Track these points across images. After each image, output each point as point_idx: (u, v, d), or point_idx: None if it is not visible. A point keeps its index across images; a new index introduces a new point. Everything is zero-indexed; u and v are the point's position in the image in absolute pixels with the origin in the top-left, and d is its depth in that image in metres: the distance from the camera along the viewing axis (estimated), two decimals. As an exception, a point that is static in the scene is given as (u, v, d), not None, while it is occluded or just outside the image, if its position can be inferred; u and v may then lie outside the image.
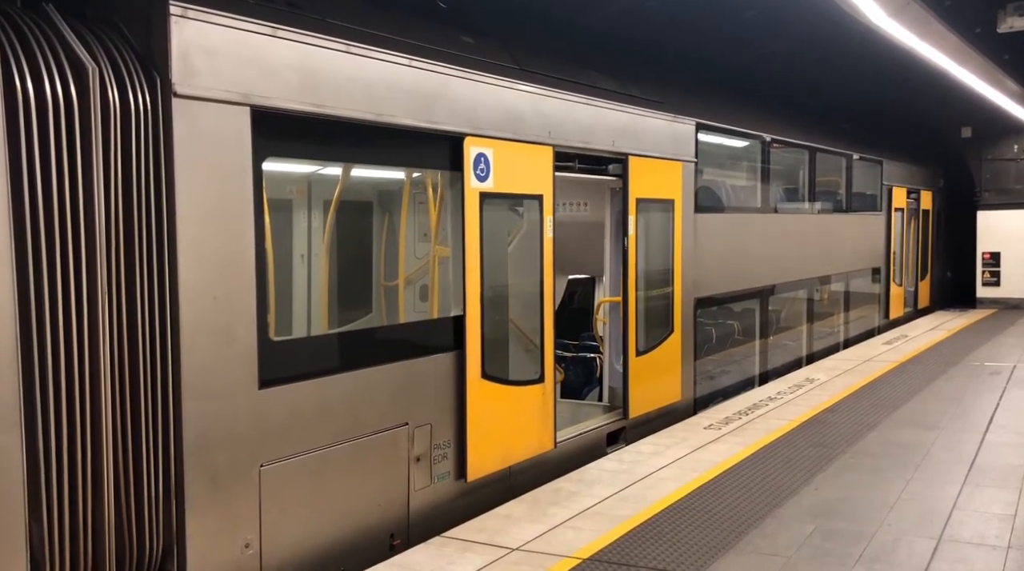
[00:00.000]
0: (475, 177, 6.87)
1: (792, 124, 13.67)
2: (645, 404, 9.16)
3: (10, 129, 4.20)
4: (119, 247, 4.60)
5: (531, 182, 7.55)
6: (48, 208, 4.33)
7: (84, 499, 4.49)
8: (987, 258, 21.49)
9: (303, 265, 7.24)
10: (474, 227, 6.88)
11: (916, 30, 9.71)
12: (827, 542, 5.90)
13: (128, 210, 4.64)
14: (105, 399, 4.52)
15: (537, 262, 7.76)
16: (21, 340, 4.23)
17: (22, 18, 4.45)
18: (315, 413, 5.67)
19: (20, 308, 4.23)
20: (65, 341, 4.39)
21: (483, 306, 6.97)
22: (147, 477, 4.76)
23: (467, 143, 6.80)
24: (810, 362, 14.00)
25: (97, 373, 4.50)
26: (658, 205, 9.46)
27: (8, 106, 4.19)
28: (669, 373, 9.66)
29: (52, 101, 4.33)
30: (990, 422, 9.27)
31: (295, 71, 5.46)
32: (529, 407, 7.58)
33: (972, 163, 21.71)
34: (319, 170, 7.12)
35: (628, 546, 5.89)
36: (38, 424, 4.30)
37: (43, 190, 4.32)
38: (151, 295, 4.74)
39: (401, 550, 6.04)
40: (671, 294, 9.66)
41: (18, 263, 4.23)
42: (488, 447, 7.09)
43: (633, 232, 8.86)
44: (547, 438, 7.80)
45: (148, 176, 4.72)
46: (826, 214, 14.97)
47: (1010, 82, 14.36)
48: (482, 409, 7.00)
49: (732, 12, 10.75)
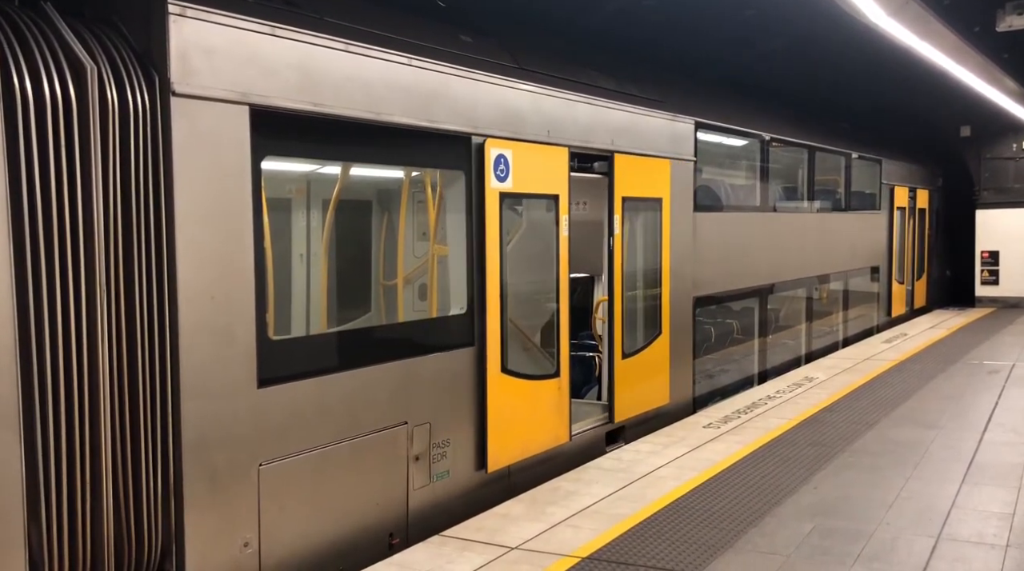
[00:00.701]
0: (495, 178, 7.06)
1: (791, 123, 13.67)
2: (632, 408, 8.99)
3: (9, 129, 4.19)
4: (118, 246, 4.60)
5: (548, 182, 7.75)
6: (47, 208, 4.33)
7: (83, 499, 4.49)
8: (986, 257, 21.51)
9: (320, 262, 7.27)
10: (494, 226, 7.06)
11: (915, 29, 9.71)
12: (826, 541, 5.90)
13: (127, 209, 4.64)
14: (104, 399, 4.52)
15: (553, 260, 7.90)
16: (20, 340, 4.23)
17: (20, 17, 4.44)
18: (315, 412, 5.67)
19: (19, 308, 4.23)
20: (64, 340, 4.39)
21: (502, 303, 7.18)
22: (146, 476, 4.76)
23: (488, 145, 6.99)
24: (810, 361, 14.01)
25: (96, 372, 4.50)
26: (646, 204, 9.29)
27: (7, 106, 4.19)
28: (657, 376, 9.47)
29: (51, 100, 4.32)
30: (989, 421, 9.27)
31: (295, 70, 5.45)
32: (546, 401, 7.78)
33: (971, 162, 21.72)
34: (329, 170, 7.12)
35: (627, 545, 5.89)
36: (37, 424, 4.30)
37: (42, 190, 4.31)
38: (150, 294, 4.74)
39: (400, 549, 6.04)
40: (659, 295, 9.53)
41: (17, 263, 4.23)
42: (507, 439, 7.26)
43: (619, 231, 8.70)
44: (563, 431, 7.96)
45: (147, 175, 4.71)
46: (825, 213, 14.97)
47: (1009, 81, 14.36)
48: (501, 402, 7.18)
49: (731, 11, 10.75)
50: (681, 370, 10.07)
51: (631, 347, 9.05)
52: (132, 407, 4.69)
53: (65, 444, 4.41)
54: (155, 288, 4.76)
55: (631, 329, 9.09)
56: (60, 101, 4.36)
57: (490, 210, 7.00)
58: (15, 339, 4.21)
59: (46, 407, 4.34)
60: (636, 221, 9.22)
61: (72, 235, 4.41)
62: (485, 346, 6.99)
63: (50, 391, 4.34)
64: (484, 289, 6.98)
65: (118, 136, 4.58)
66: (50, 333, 4.33)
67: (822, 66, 13.95)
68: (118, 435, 4.63)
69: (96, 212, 4.48)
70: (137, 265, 4.67)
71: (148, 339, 4.74)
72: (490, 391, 7.06)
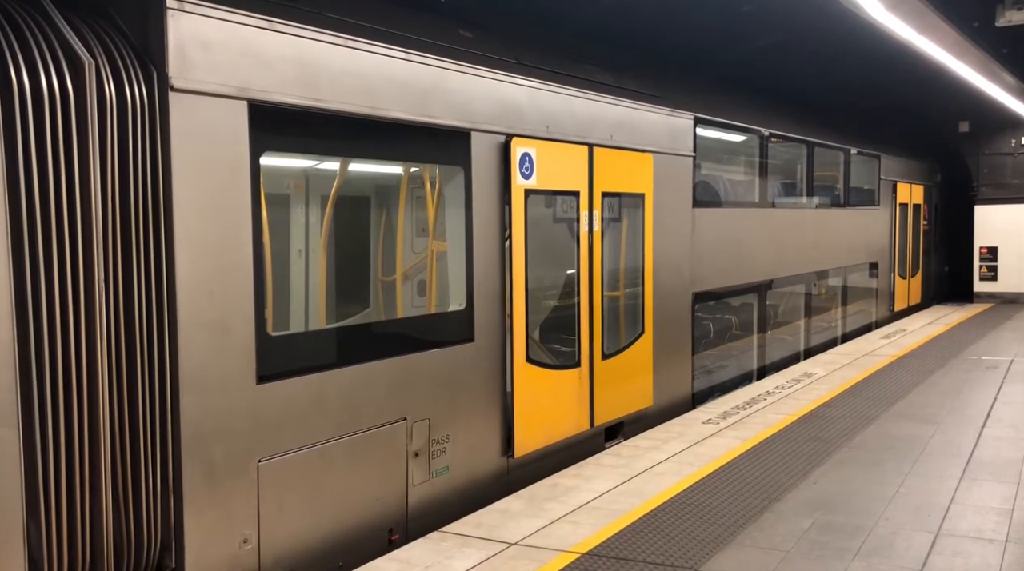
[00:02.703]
0: (520, 175, 7.28)
1: (790, 118, 13.66)
2: (612, 411, 8.75)
3: (6, 124, 4.17)
4: (116, 242, 4.59)
5: (569, 179, 7.96)
6: (44, 202, 4.31)
7: (81, 495, 4.48)
8: (984, 252, 21.51)
9: (319, 257, 7.28)
10: (519, 222, 7.30)
11: (914, 23, 9.70)
12: (825, 536, 5.90)
13: (125, 204, 4.62)
14: (102, 394, 4.51)
15: (574, 254, 8.07)
16: (18, 335, 4.22)
17: (17, 10, 4.42)
18: (314, 408, 5.66)
19: (16, 302, 4.22)
20: (62, 336, 4.37)
21: (527, 296, 7.44)
22: (145, 473, 4.75)
23: (513, 143, 7.20)
24: (809, 356, 14.01)
25: (94, 368, 4.49)
26: (627, 199, 9.01)
27: (3, 99, 4.17)
28: (639, 377, 9.22)
29: (48, 94, 4.30)
30: (987, 416, 9.28)
31: (293, 64, 5.43)
32: (567, 389, 7.99)
33: (970, 157, 21.72)
34: (338, 166, 7.11)
35: (626, 541, 5.88)
36: (35, 420, 4.29)
37: (39, 184, 4.29)
38: (148, 290, 4.73)
39: (399, 545, 6.04)
40: (640, 294, 9.30)
41: (15, 258, 4.22)
42: (532, 426, 7.57)
43: (598, 228, 8.43)
44: (583, 419, 8.15)
45: (144, 170, 4.70)
46: (824, 208, 14.97)
47: (1008, 76, 14.35)
48: (526, 391, 7.47)
49: (730, 6, 10.73)
50: (675, 368, 9.97)
51: (612, 347, 8.79)
52: (131, 403, 4.68)
53: (64, 440, 4.40)
54: (153, 283, 4.74)
55: (611, 329, 8.82)
56: (57, 96, 4.34)
57: (516, 206, 7.30)
58: (13, 334, 4.19)
59: (44, 403, 4.32)
60: (616, 217, 8.93)
61: (70, 230, 4.40)
62: (513, 337, 7.30)
63: (48, 387, 4.33)
64: (512, 283, 7.28)
65: (116, 131, 4.56)
66: (48, 328, 4.32)
67: (821, 61, 13.94)
68: (117, 431, 4.62)
69: (94, 207, 4.46)
70: (135, 260, 4.66)
71: (147, 335, 4.73)
72: (516, 379, 7.34)
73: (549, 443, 7.79)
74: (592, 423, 8.31)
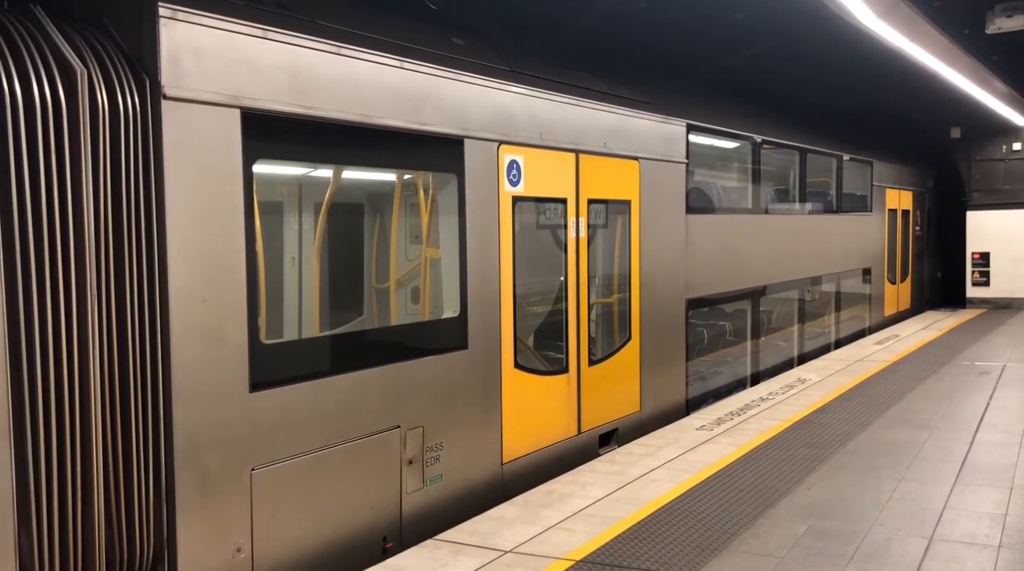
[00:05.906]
0: (508, 182, 7.31)
1: (782, 125, 13.70)
2: (599, 417, 8.71)
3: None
4: (108, 250, 4.58)
5: (557, 186, 7.97)
6: (36, 211, 4.30)
7: (73, 504, 4.46)
8: (976, 258, 21.59)
9: (312, 265, 7.27)
10: (507, 229, 7.33)
11: (905, 31, 9.75)
12: (819, 542, 5.91)
13: (117, 213, 4.61)
14: (95, 403, 4.50)
15: (562, 261, 8.08)
16: (9, 344, 4.20)
17: (9, 19, 4.42)
18: (307, 416, 5.64)
19: (8, 311, 4.20)
20: (54, 345, 4.36)
21: (515, 303, 7.45)
22: (137, 481, 4.73)
23: (501, 151, 7.22)
24: (803, 362, 14.03)
25: (87, 377, 4.47)
26: (613, 206, 8.98)
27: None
28: (626, 383, 9.18)
29: (40, 103, 4.30)
30: (980, 421, 9.30)
31: (285, 73, 5.43)
32: (555, 395, 8.01)
33: (962, 163, 21.81)
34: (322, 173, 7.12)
35: (621, 547, 5.88)
36: (27, 428, 4.27)
37: (31, 192, 4.29)
38: (141, 298, 4.72)
39: (394, 553, 6.02)
40: (628, 300, 9.27)
41: (7, 266, 4.20)
42: (521, 431, 7.59)
43: (584, 235, 8.40)
44: (572, 424, 8.17)
45: (137, 178, 4.69)
46: (816, 215, 15.00)
47: (999, 83, 14.42)
48: (514, 396, 7.50)
49: (722, 14, 10.76)
50: (669, 374, 9.97)
51: (600, 353, 8.77)
52: (123, 411, 4.67)
53: (56, 449, 4.38)
54: (146, 291, 4.74)
55: (599, 335, 8.83)
56: (50, 104, 4.33)
57: (503, 213, 7.31)
58: (5, 343, 4.18)
59: (36, 412, 4.31)
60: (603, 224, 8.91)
61: (63, 239, 4.39)
62: (500, 344, 7.31)
63: (40, 396, 4.31)
64: (500, 289, 7.28)
65: (109, 139, 4.56)
66: (40, 337, 4.31)
67: (813, 69, 13.99)
68: (109, 440, 4.60)
69: (87, 216, 4.45)
70: (128, 268, 4.65)
71: (139, 343, 4.72)
72: (504, 385, 7.38)
73: (537, 448, 7.81)
74: (580, 428, 8.32)
